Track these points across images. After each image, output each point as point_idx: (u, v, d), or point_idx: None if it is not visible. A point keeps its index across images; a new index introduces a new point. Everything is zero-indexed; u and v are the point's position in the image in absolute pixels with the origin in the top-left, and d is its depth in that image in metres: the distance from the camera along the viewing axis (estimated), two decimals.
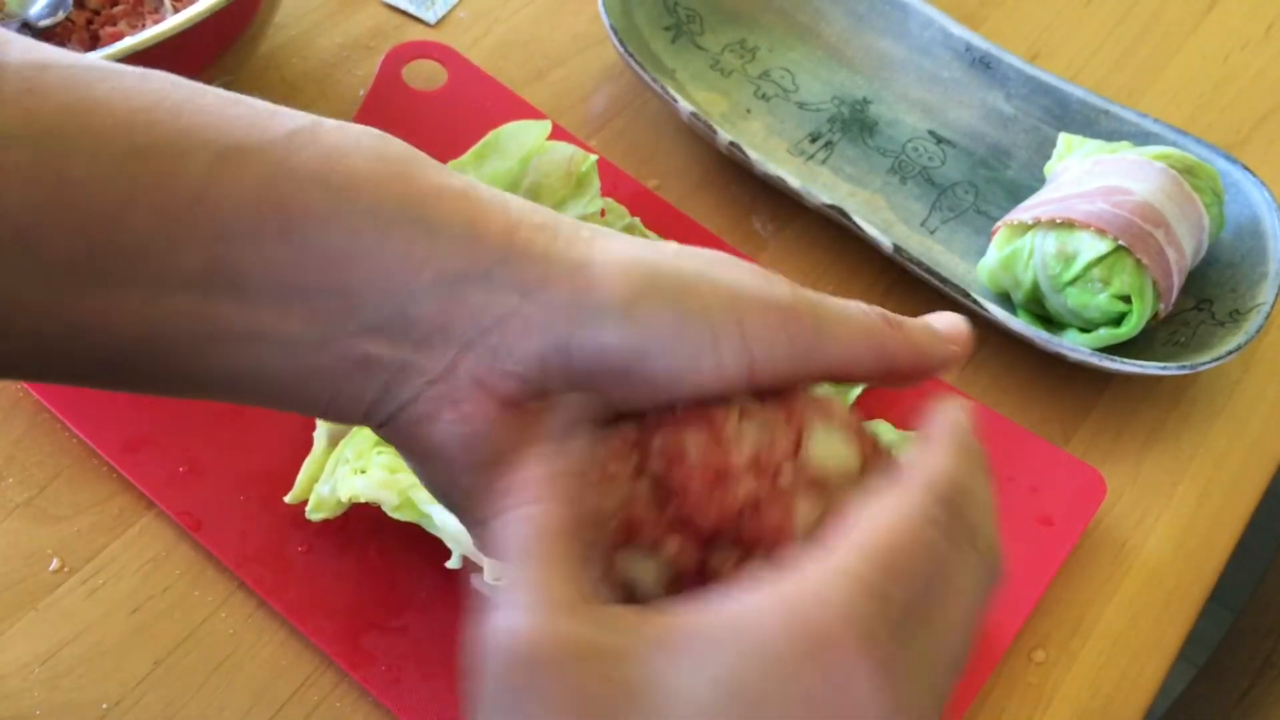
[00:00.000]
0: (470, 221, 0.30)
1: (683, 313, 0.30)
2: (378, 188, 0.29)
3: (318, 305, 0.29)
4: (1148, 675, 0.55)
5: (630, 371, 0.30)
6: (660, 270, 0.31)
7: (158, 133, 0.28)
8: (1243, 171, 0.66)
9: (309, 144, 0.29)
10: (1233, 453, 0.62)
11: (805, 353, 0.32)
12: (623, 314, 0.30)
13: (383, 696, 0.49)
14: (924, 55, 0.73)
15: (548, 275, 0.30)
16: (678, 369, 0.30)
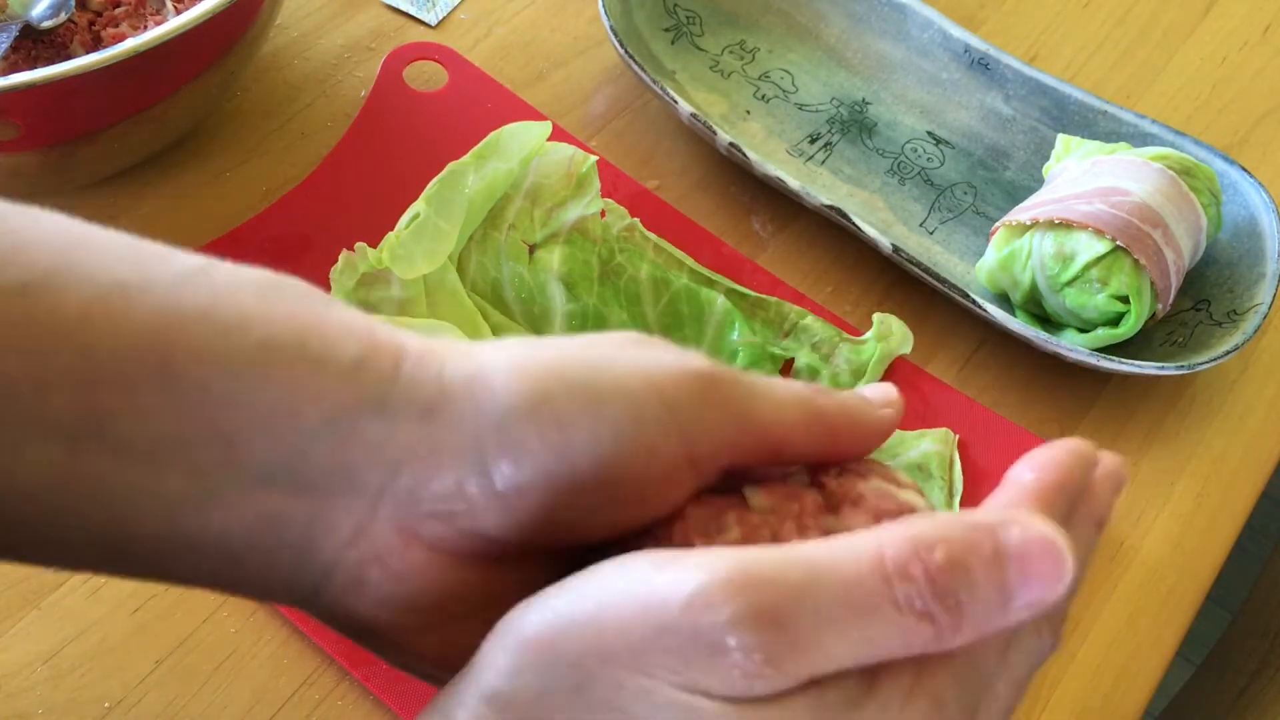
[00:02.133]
0: (360, 354, 0.27)
1: (595, 398, 0.27)
2: (266, 324, 0.27)
3: (198, 456, 0.26)
4: (1145, 674, 0.55)
5: (559, 484, 0.27)
6: (562, 360, 0.28)
7: (35, 270, 0.25)
8: (1240, 172, 0.66)
9: (199, 282, 0.27)
10: (1230, 452, 0.63)
11: (738, 420, 0.29)
12: (531, 413, 0.27)
13: (384, 695, 0.49)
14: (923, 56, 0.73)
15: (444, 392, 0.27)
16: (609, 463, 0.27)
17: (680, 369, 0.28)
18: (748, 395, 0.29)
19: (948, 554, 0.25)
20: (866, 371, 0.60)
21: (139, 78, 0.54)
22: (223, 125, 0.66)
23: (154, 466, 0.26)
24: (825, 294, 0.65)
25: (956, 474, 0.57)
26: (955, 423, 0.59)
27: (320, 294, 0.28)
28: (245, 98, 0.68)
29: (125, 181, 0.62)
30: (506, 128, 0.59)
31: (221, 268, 0.27)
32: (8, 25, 0.59)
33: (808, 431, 0.30)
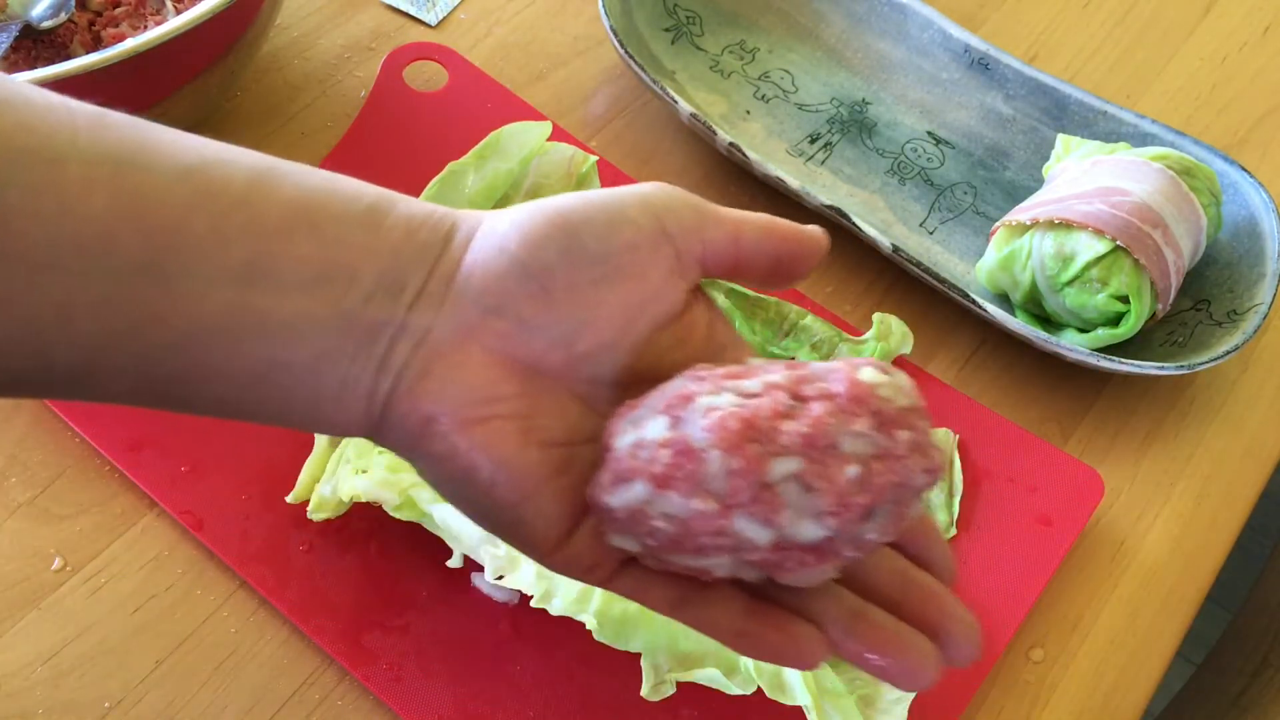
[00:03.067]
0: (428, 213, 0.36)
1: (587, 200, 0.36)
2: (370, 194, 0.35)
3: (335, 289, 0.33)
4: (1145, 674, 0.55)
5: (575, 259, 0.35)
6: (556, 199, 0.37)
7: (205, 154, 0.33)
8: (1240, 172, 0.66)
9: (317, 172, 0.36)
10: (1230, 452, 0.63)
11: (704, 214, 0.40)
12: (546, 221, 0.35)
13: (384, 695, 0.49)
14: (923, 56, 0.73)
15: (478, 221, 0.36)
16: (604, 236, 0.35)
17: (654, 184, 0.38)
18: (712, 205, 0.39)
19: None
20: None
21: (139, 78, 0.54)
22: (223, 125, 0.66)
23: (306, 298, 0.33)
24: (825, 294, 0.65)
25: (956, 474, 0.57)
26: (955, 422, 0.59)
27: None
28: (245, 98, 0.68)
29: None
30: (506, 128, 0.59)
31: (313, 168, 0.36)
32: (8, 25, 0.59)
33: (760, 233, 0.40)
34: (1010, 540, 0.56)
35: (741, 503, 0.30)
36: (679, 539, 0.31)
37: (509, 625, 0.51)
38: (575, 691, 0.50)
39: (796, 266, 0.40)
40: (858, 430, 0.30)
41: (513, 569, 0.47)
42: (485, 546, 0.48)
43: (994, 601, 0.54)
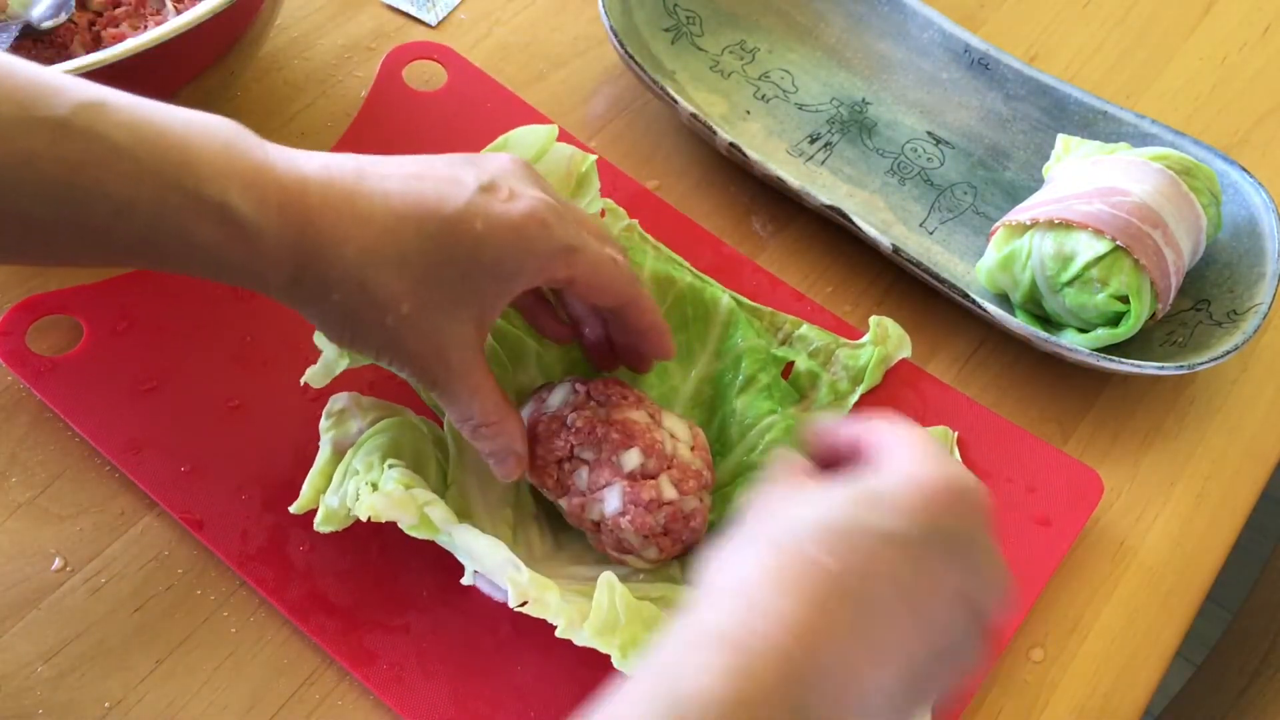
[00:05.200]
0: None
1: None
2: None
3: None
4: (1145, 674, 0.55)
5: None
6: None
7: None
8: (1240, 172, 0.66)
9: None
10: (1230, 452, 0.63)
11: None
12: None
13: (385, 695, 0.49)
14: (923, 56, 0.73)
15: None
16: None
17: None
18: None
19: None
20: (865, 376, 0.59)
21: (139, 78, 0.54)
22: None
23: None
24: (825, 294, 0.65)
25: None
26: (954, 422, 0.59)
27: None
28: (245, 98, 0.68)
29: None
30: (514, 131, 0.59)
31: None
32: (8, 25, 0.59)
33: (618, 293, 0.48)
34: (1010, 540, 0.56)
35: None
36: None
37: (510, 625, 0.51)
38: (576, 692, 0.50)
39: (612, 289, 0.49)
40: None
41: (539, 597, 0.46)
42: (508, 570, 0.47)
43: None
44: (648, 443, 0.49)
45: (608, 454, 0.49)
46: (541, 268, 0.45)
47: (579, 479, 0.49)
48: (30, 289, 0.58)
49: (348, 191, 0.43)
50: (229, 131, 0.43)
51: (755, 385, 0.56)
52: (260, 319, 0.58)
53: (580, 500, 0.49)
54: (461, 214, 0.44)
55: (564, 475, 0.50)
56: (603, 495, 0.49)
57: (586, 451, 0.50)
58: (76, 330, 0.57)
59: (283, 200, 0.42)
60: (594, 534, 0.50)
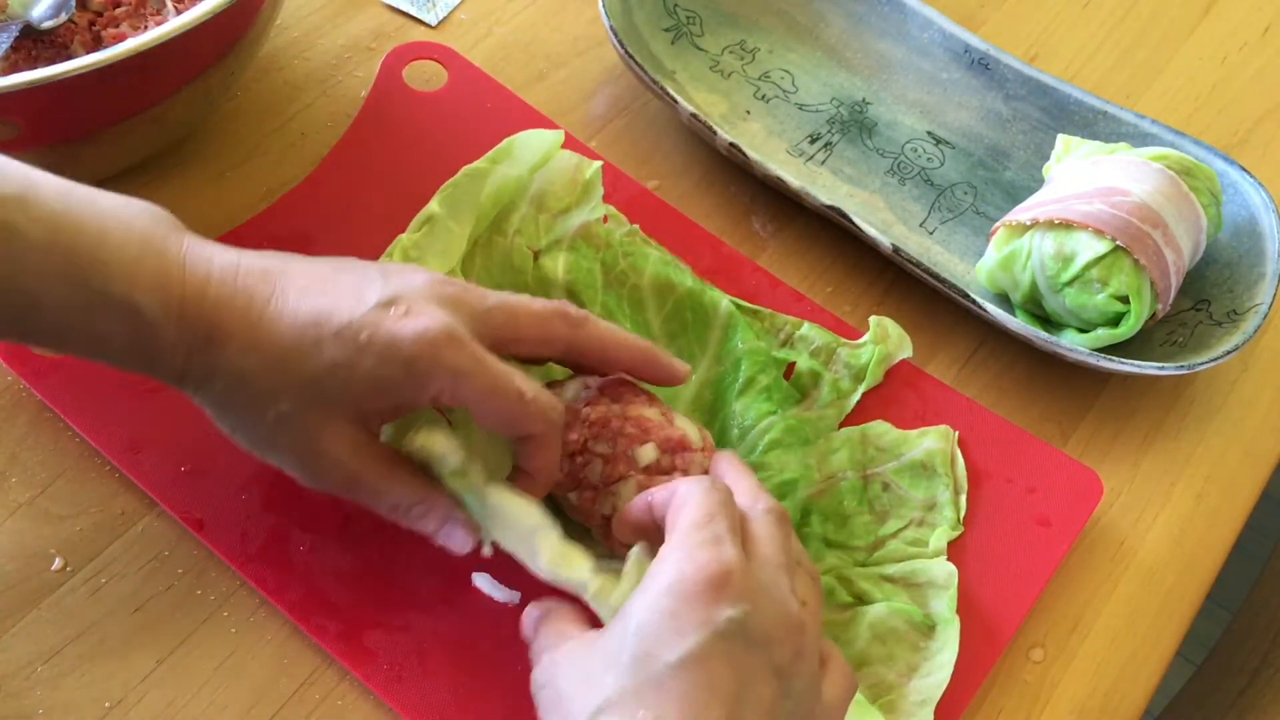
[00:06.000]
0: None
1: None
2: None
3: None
4: (1145, 674, 0.55)
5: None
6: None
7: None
8: (1240, 172, 0.66)
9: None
10: (1230, 452, 0.63)
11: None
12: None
13: (385, 695, 0.49)
14: (923, 56, 0.73)
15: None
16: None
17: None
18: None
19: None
20: (867, 375, 0.59)
21: (139, 78, 0.54)
22: (223, 125, 0.66)
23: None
24: (825, 294, 0.65)
25: (960, 471, 0.57)
26: (954, 422, 0.59)
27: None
28: (245, 98, 0.68)
29: (125, 181, 0.62)
30: (520, 135, 0.59)
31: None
32: (8, 25, 0.59)
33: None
34: (1010, 541, 0.56)
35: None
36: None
37: (510, 625, 0.51)
38: None
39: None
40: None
41: (571, 558, 0.46)
42: (539, 534, 0.46)
43: (994, 601, 0.54)
44: (662, 438, 0.49)
45: (623, 448, 0.49)
46: (421, 388, 0.45)
47: (592, 472, 0.49)
48: None
49: (247, 295, 0.45)
50: (146, 226, 0.44)
51: (755, 387, 0.56)
52: None
53: (592, 494, 0.49)
54: (348, 326, 0.44)
55: (575, 468, 0.50)
56: (617, 489, 0.49)
57: (601, 445, 0.49)
58: None
59: (183, 299, 0.44)
60: (601, 528, 0.50)
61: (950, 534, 0.55)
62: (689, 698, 0.38)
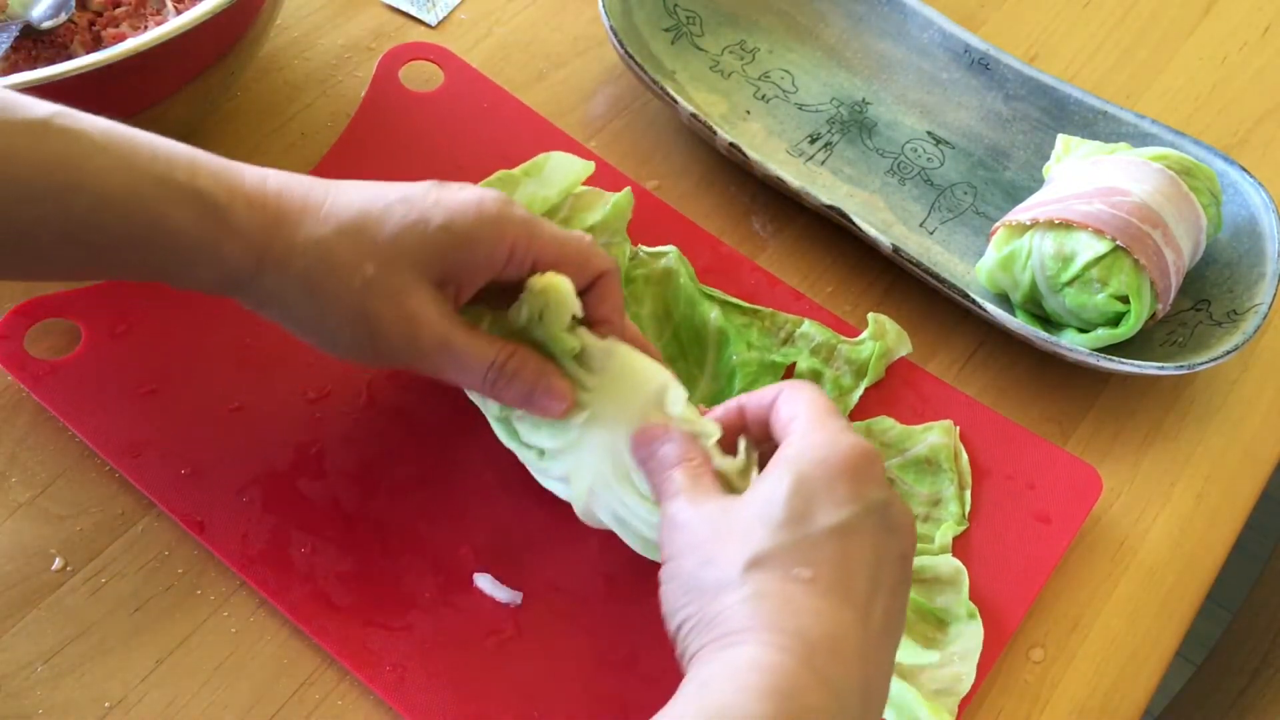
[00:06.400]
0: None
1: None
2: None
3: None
4: (1145, 673, 0.55)
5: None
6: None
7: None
8: (1240, 172, 0.66)
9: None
10: (1230, 452, 0.63)
11: (527, 225, 0.48)
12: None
13: (387, 696, 0.49)
14: (923, 56, 0.73)
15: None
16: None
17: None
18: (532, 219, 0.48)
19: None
20: (868, 371, 0.60)
21: (139, 78, 0.54)
22: (223, 125, 0.66)
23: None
24: (825, 294, 0.65)
25: (964, 466, 0.57)
26: (955, 420, 0.59)
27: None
28: (245, 98, 0.68)
29: None
30: (554, 154, 0.59)
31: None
32: (8, 25, 0.59)
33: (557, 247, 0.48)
34: (1009, 537, 0.56)
35: None
36: None
37: (511, 626, 0.51)
38: (578, 692, 0.50)
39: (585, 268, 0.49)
40: None
41: (695, 412, 0.47)
42: (671, 390, 0.47)
43: (995, 598, 0.54)
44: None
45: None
46: (499, 237, 0.46)
47: None
48: (28, 292, 0.58)
49: (304, 185, 0.46)
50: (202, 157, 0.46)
51: None
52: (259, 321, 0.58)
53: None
54: (411, 192, 0.46)
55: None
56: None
57: None
58: (75, 334, 0.57)
59: (245, 187, 0.45)
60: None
61: (955, 529, 0.55)
62: (838, 563, 0.39)
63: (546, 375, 0.47)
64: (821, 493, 0.40)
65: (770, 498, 0.41)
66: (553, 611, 0.52)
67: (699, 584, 0.40)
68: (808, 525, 0.40)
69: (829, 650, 0.37)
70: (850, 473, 0.41)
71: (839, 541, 0.40)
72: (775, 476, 0.41)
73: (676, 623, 0.40)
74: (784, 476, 0.41)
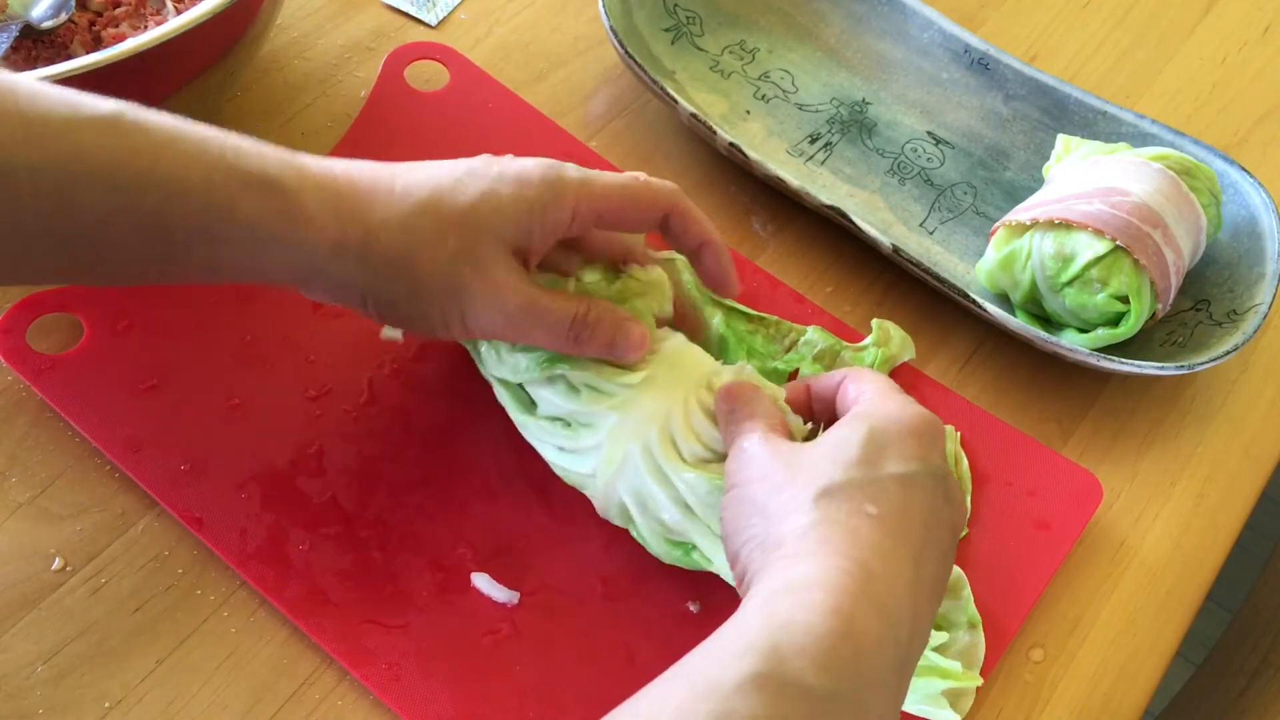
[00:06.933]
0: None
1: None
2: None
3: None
4: (1145, 674, 0.55)
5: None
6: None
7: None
8: (1240, 172, 0.66)
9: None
10: (1230, 452, 0.63)
11: (586, 188, 0.50)
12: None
13: (384, 695, 0.49)
14: (923, 57, 0.73)
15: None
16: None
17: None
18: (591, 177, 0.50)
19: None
20: None
21: (139, 78, 0.54)
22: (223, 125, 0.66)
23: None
24: (825, 294, 0.65)
25: (965, 470, 0.57)
26: (955, 426, 0.59)
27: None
28: (245, 98, 0.68)
29: None
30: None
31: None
32: (8, 25, 0.59)
33: (622, 193, 0.50)
34: (1010, 543, 0.56)
35: None
36: None
37: (509, 625, 0.51)
38: (575, 691, 0.50)
39: (652, 208, 0.51)
40: None
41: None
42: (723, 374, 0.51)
43: (994, 603, 0.54)
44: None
45: None
46: (561, 201, 0.48)
47: None
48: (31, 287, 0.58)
49: (371, 168, 0.48)
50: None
51: None
52: (260, 319, 0.58)
53: None
54: (474, 166, 0.48)
55: None
56: None
57: None
58: (77, 329, 0.57)
59: (313, 172, 0.46)
60: None
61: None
62: (900, 508, 0.41)
63: (625, 323, 0.50)
64: (893, 444, 0.43)
65: (845, 441, 0.43)
66: (550, 611, 0.52)
67: (768, 508, 0.42)
68: (877, 469, 0.42)
69: (886, 582, 0.39)
70: (919, 435, 0.44)
71: (903, 489, 0.42)
72: (850, 425, 0.44)
73: (740, 542, 0.43)
74: (858, 425, 0.44)
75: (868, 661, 0.37)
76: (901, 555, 0.40)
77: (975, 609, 0.52)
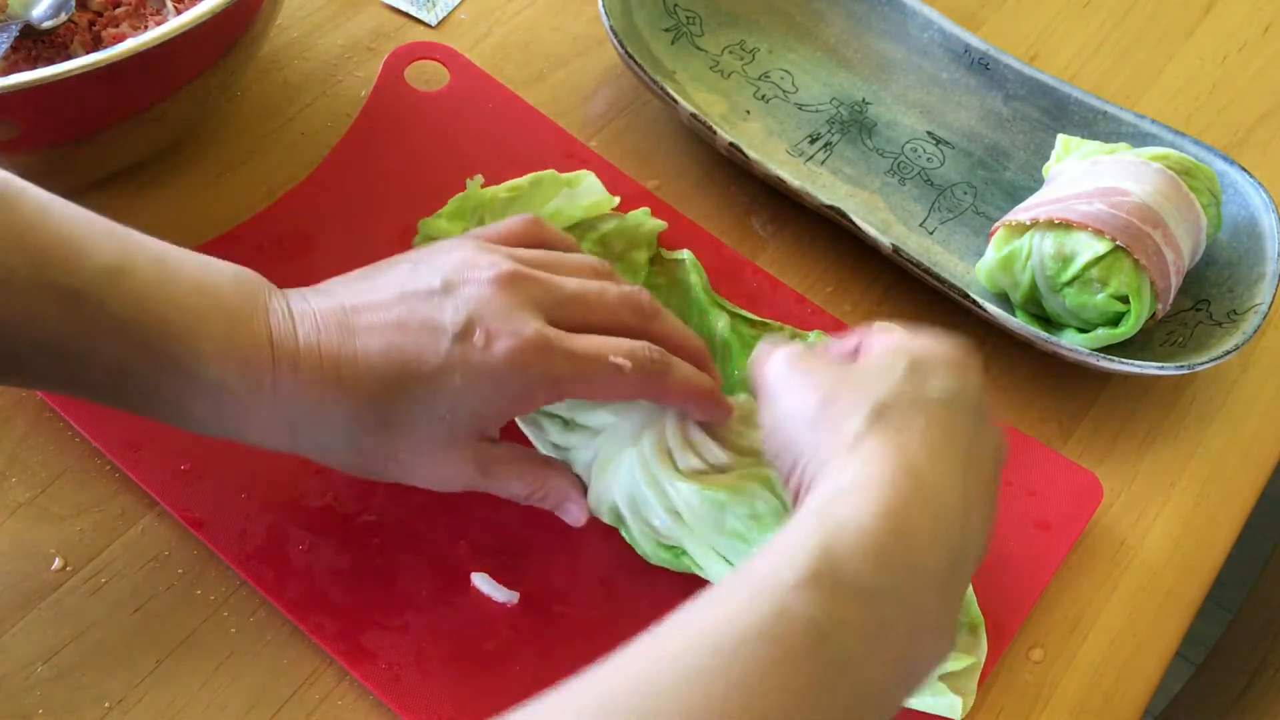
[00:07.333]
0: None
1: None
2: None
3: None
4: (1145, 674, 0.55)
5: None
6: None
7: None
8: (1240, 172, 0.66)
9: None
10: (1230, 452, 0.63)
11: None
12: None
13: (384, 695, 0.49)
14: (923, 56, 0.73)
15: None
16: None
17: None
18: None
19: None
20: None
21: (139, 78, 0.54)
22: (223, 125, 0.66)
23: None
24: (825, 294, 0.65)
25: None
26: None
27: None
28: (245, 98, 0.68)
29: (125, 181, 0.62)
30: (590, 176, 0.61)
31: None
32: (8, 25, 0.59)
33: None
34: (1009, 543, 0.56)
35: None
36: None
37: (508, 626, 0.51)
38: None
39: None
40: None
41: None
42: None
43: (994, 602, 0.54)
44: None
45: None
46: (527, 402, 0.48)
47: None
48: None
49: (334, 360, 0.45)
50: (237, 301, 0.45)
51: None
52: None
53: None
54: (439, 370, 0.46)
55: None
56: None
57: None
58: None
59: (275, 379, 0.45)
60: None
61: None
62: (945, 425, 0.42)
63: (566, 501, 0.52)
64: (934, 368, 0.44)
65: (890, 364, 0.44)
66: (549, 612, 0.52)
67: (820, 421, 0.43)
68: (923, 388, 0.43)
69: (935, 486, 0.40)
70: (956, 362, 0.45)
71: (948, 409, 0.43)
72: (891, 352, 0.45)
73: (794, 453, 0.43)
74: (900, 352, 0.44)
75: (920, 559, 0.38)
76: (951, 465, 0.41)
77: (977, 610, 0.52)
